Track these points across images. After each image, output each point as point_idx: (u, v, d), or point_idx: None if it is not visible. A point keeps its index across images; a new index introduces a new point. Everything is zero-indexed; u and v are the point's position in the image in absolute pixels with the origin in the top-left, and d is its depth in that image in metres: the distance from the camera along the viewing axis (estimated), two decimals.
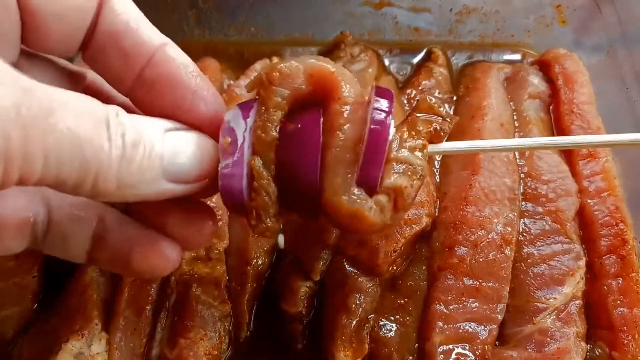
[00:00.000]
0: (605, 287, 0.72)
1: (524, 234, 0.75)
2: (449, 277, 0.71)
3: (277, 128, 0.52)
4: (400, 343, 0.71)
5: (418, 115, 0.57)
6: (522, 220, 0.76)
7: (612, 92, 0.89)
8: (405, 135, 0.55)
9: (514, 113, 0.87)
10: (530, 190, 0.78)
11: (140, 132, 0.42)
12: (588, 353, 0.70)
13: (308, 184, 0.53)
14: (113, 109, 0.41)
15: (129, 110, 0.43)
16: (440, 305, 0.70)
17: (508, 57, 1.03)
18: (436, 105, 0.58)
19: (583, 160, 0.81)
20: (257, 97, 0.54)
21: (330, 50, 1.01)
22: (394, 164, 0.53)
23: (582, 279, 0.73)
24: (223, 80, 0.95)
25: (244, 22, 1.03)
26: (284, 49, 1.02)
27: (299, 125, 0.53)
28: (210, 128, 0.51)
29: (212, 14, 1.02)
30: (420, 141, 0.55)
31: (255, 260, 0.76)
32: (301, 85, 0.53)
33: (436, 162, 0.85)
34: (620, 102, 0.88)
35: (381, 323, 0.72)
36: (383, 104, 0.53)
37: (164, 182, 0.45)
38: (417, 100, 0.62)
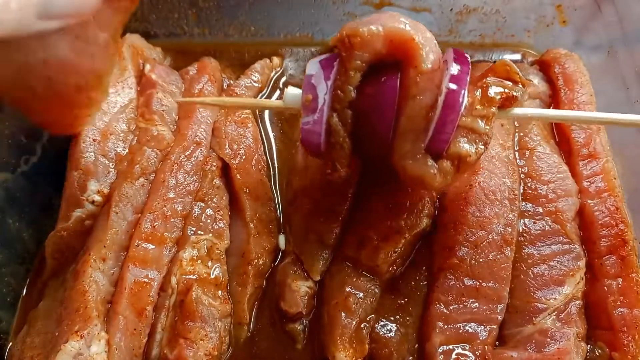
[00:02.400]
0: (606, 288, 0.72)
1: (524, 235, 0.75)
2: (449, 277, 0.71)
3: (356, 89, 0.55)
4: (400, 343, 0.71)
5: (492, 80, 0.58)
6: (522, 221, 0.76)
7: (612, 92, 0.89)
8: (477, 102, 0.56)
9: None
10: (530, 191, 0.78)
11: None
12: (588, 353, 0.70)
13: (381, 143, 0.57)
14: None
15: None
16: (440, 305, 0.70)
17: (508, 57, 1.03)
18: (512, 69, 0.59)
19: (583, 160, 0.81)
20: (337, 54, 0.57)
21: (331, 50, 1.01)
22: (462, 131, 0.55)
23: (582, 279, 0.73)
24: (223, 80, 0.95)
25: (244, 22, 1.02)
26: (284, 49, 1.02)
27: (377, 89, 0.56)
28: None
29: (212, 13, 1.02)
30: (491, 109, 0.56)
31: (256, 260, 0.76)
32: (381, 49, 0.55)
33: None
34: (621, 102, 0.88)
35: (381, 323, 0.72)
36: (459, 74, 0.54)
37: (38, 22, 0.46)
38: (495, 62, 0.63)
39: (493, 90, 0.57)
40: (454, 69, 0.54)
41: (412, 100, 0.54)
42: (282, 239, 0.81)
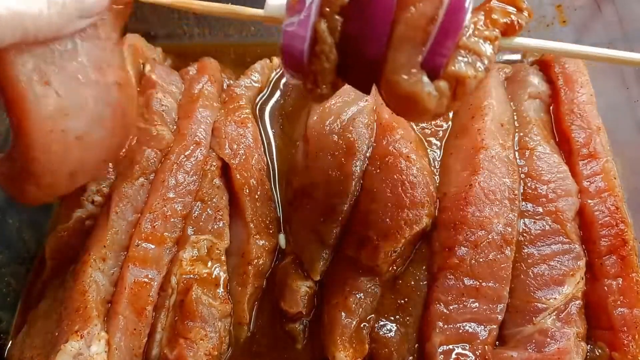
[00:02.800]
0: (606, 288, 0.72)
1: (524, 234, 0.75)
2: (449, 277, 0.71)
3: None
4: (400, 343, 0.71)
5: (496, 4, 0.55)
6: (522, 221, 0.76)
7: (613, 92, 0.89)
8: (481, 22, 0.52)
9: (514, 113, 0.87)
10: (530, 191, 0.78)
11: None
12: (588, 353, 0.70)
13: (371, 57, 0.51)
14: None
15: None
16: (440, 305, 0.70)
17: (508, 57, 1.03)
18: None
19: (583, 160, 0.81)
20: None
21: None
22: (463, 51, 0.51)
23: (582, 279, 0.73)
24: (223, 80, 0.95)
25: (244, 22, 1.02)
26: None
27: None
28: None
29: None
30: (495, 32, 0.53)
31: (256, 260, 0.76)
32: None
33: (436, 162, 0.85)
34: (621, 102, 0.87)
35: (381, 323, 0.72)
36: None
37: (79, 20, 0.52)
38: None
39: (497, 14, 0.54)
40: None
41: (411, 7, 0.49)
42: (282, 239, 0.81)
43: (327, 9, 0.49)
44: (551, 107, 0.90)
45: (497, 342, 0.70)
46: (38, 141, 0.53)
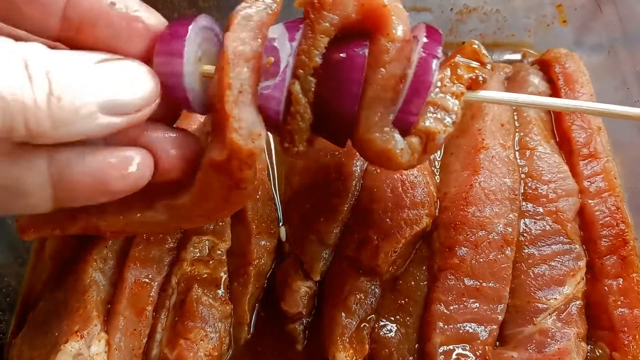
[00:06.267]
0: (606, 288, 0.72)
1: (525, 235, 0.75)
2: (449, 277, 0.71)
3: (322, 55, 0.51)
4: (400, 343, 0.71)
5: (460, 60, 0.57)
6: (522, 221, 0.76)
7: (613, 92, 0.89)
8: (447, 79, 0.54)
9: (515, 113, 0.87)
10: (530, 191, 0.78)
11: (67, 67, 0.40)
12: (589, 354, 0.70)
13: (344, 116, 0.53)
14: (32, 46, 0.39)
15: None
16: (440, 305, 0.70)
17: (509, 56, 1.03)
18: (480, 51, 0.58)
19: (584, 160, 0.81)
20: (304, 17, 0.52)
21: None
22: (431, 107, 0.53)
23: (583, 279, 0.73)
24: None
25: None
26: None
27: (344, 56, 0.52)
28: (151, 51, 0.50)
29: (212, 13, 1.01)
30: (460, 87, 0.55)
31: (257, 261, 0.76)
32: (351, 13, 0.52)
33: (436, 162, 0.85)
34: (621, 102, 0.87)
35: (381, 323, 0.72)
36: (431, 45, 0.52)
37: (103, 116, 0.42)
38: (462, 43, 0.61)
39: (462, 70, 0.56)
40: (425, 44, 0.52)
41: (382, 69, 0.51)
42: (282, 239, 0.81)
43: (301, 71, 0.51)
44: None
45: (497, 343, 0.70)
46: None
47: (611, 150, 0.83)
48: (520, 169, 0.80)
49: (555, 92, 0.90)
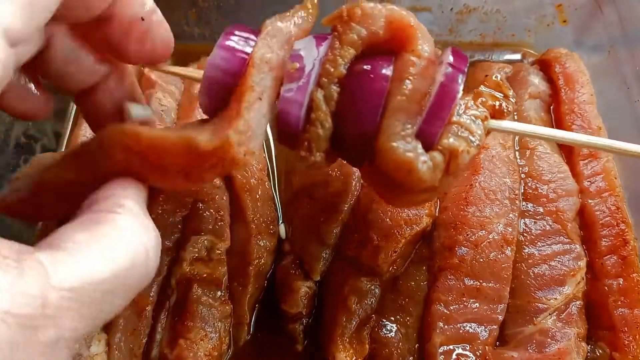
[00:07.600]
0: (606, 288, 0.72)
1: (525, 234, 0.75)
2: (449, 277, 0.71)
3: (347, 66, 0.52)
4: (400, 343, 0.71)
5: (484, 89, 0.57)
6: (522, 221, 0.76)
7: (613, 92, 0.89)
8: (471, 102, 0.54)
9: (515, 113, 0.87)
10: (530, 191, 0.78)
11: None
12: (589, 354, 0.70)
13: (366, 126, 0.52)
14: None
15: None
16: (440, 305, 0.70)
17: (509, 56, 1.03)
18: (503, 84, 0.58)
19: (584, 160, 0.81)
20: (332, 32, 0.53)
21: None
22: (455, 126, 0.52)
23: (583, 279, 0.73)
24: None
25: (245, 21, 1.02)
26: None
27: (368, 68, 0.52)
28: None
29: (212, 13, 1.02)
30: (484, 111, 0.54)
31: (257, 261, 0.76)
32: (379, 30, 0.52)
33: None
34: (621, 102, 0.87)
35: (382, 323, 0.72)
36: (459, 63, 0.52)
37: None
38: (486, 76, 0.62)
39: (485, 97, 0.56)
40: (453, 61, 0.52)
41: (407, 81, 0.51)
42: (282, 239, 0.81)
43: (325, 80, 0.51)
44: (551, 107, 0.90)
45: (497, 343, 0.70)
46: None
47: None
48: (521, 168, 0.80)
49: (555, 92, 0.90)
